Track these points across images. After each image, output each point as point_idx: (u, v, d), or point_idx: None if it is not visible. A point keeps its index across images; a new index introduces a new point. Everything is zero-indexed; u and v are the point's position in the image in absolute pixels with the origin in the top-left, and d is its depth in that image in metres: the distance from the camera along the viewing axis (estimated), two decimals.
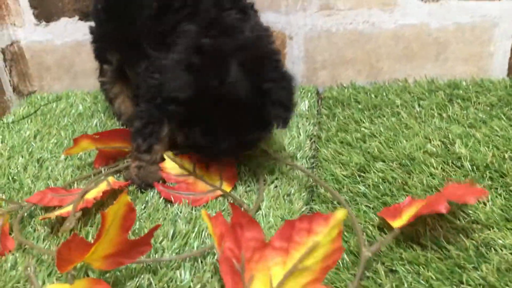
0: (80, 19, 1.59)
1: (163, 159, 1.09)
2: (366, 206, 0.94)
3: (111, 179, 1.04)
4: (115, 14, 1.21)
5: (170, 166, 1.07)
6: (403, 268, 0.76)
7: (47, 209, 0.98)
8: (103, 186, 0.99)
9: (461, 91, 1.37)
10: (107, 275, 0.79)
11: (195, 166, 1.08)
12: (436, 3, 1.42)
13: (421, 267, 0.76)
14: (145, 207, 0.99)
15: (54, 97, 1.63)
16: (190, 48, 0.98)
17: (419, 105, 1.33)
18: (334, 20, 1.47)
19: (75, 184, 1.09)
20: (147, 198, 1.02)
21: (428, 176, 1.00)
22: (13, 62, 1.64)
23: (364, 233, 0.86)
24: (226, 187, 1.03)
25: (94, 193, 0.97)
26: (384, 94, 1.42)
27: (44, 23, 1.61)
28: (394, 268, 0.77)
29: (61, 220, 0.93)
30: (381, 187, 0.99)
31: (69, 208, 0.92)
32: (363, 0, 1.43)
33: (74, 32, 1.60)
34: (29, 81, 1.71)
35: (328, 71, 1.54)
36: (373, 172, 1.04)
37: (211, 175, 1.06)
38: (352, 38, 1.49)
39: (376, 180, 1.01)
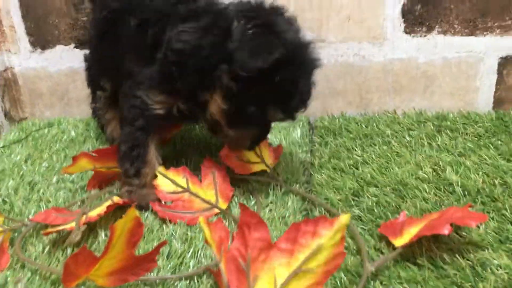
0: (76, 47, 1.60)
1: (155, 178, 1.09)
2: (362, 228, 0.95)
3: (116, 198, 1.04)
4: (105, 39, 1.23)
5: (163, 183, 1.07)
6: (401, 287, 0.77)
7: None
8: (106, 204, 0.99)
9: (449, 122, 1.41)
10: None
11: (188, 182, 1.08)
12: (423, 38, 1.47)
13: (418, 285, 0.77)
14: None
15: (46, 123, 1.63)
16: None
17: (409, 135, 1.36)
18: (326, 53, 1.50)
19: (74, 207, 1.09)
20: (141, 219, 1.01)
21: (421, 201, 1.02)
22: (5, 88, 1.64)
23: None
24: (222, 204, 1.04)
25: (98, 211, 0.97)
26: (375, 124, 1.45)
27: (39, 50, 1.62)
28: (392, 287, 0.77)
29: (65, 235, 0.94)
30: (375, 210, 1.00)
31: (73, 224, 0.92)
32: (354, 34, 1.48)
33: (69, 60, 1.62)
34: (21, 107, 1.71)
35: (320, 102, 1.56)
36: (367, 196, 1.06)
37: (206, 190, 1.07)
38: (343, 70, 1.53)
39: (370, 204, 1.03)
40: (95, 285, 0.77)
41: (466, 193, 1.03)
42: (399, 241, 0.84)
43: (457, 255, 0.82)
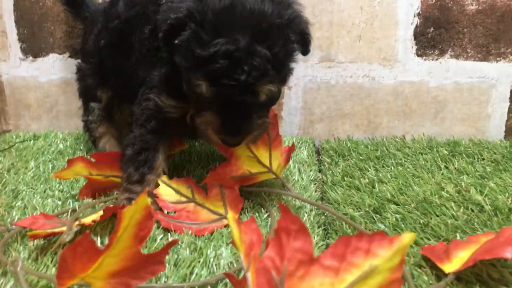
0: (71, 56, 1.52)
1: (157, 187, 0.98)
2: None
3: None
4: (116, 49, 1.17)
5: (166, 192, 0.97)
6: None
7: None
8: (101, 212, 0.87)
9: (462, 148, 1.35)
10: None
11: (193, 192, 0.98)
12: (435, 61, 1.43)
13: None
14: None
15: (31, 135, 1.52)
16: None
17: (423, 158, 1.29)
18: (334, 73, 1.45)
19: (64, 216, 0.97)
20: None
21: (450, 218, 0.94)
22: None
23: None
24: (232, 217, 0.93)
25: (92, 217, 0.86)
26: (384, 148, 1.38)
27: (31, 58, 1.53)
28: None
29: (55, 241, 0.83)
30: (402, 225, 0.92)
31: (63, 228, 0.80)
32: (364, 54, 1.43)
33: (62, 70, 1.53)
34: (4, 119, 1.59)
35: (325, 124, 1.50)
36: (389, 213, 0.98)
37: (213, 201, 0.96)
38: (352, 91, 1.47)
39: (394, 220, 0.94)
40: None
41: (497, 212, 0.96)
42: (449, 267, 0.73)
43: None
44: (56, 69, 1.53)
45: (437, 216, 0.96)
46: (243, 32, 0.80)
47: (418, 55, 1.43)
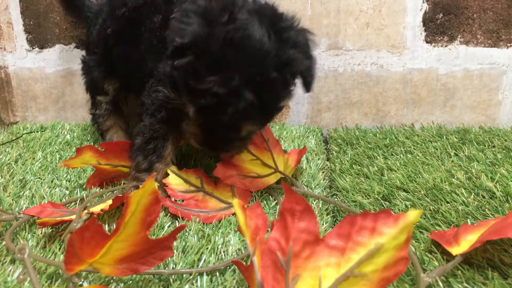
0: (77, 46, 1.51)
1: (166, 176, 0.98)
2: None
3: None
4: (123, 38, 1.16)
5: (175, 182, 0.96)
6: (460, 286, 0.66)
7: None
8: (110, 202, 0.87)
9: (472, 135, 1.33)
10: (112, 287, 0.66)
11: (203, 181, 0.97)
12: (444, 48, 1.41)
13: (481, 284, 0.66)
14: None
15: (38, 127, 1.52)
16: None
17: (432, 146, 1.27)
18: (342, 61, 1.44)
19: (72, 205, 0.97)
20: None
21: (461, 204, 0.92)
22: None
23: None
24: None
25: (101, 206, 0.85)
26: (393, 136, 1.37)
27: (37, 49, 1.52)
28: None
29: (63, 229, 0.83)
30: None
31: (72, 216, 0.80)
32: (372, 41, 1.42)
33: (68, 60, 1.52)
34: (12, 110, 1.59)
35: (333, 113, 1.48)
36: (399, 200, 0.97)
37: (222, 191, 0.96)
38: (360, 79, 1.45)
39: (404, 207, 0.93)
40: (100, 276, 0.65)
41: (508, 198, 0.94)
42: (457, 249, 0.72)
43: None
44: (62, 60, 1.53)
45: (448, 202, 0.95)
46: (238, 72, 0.79)
47: (427, 42, 1.41)
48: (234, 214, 0.91)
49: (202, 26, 0.81)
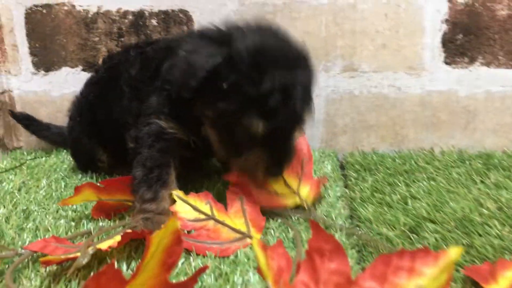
0: (84, 69, 1.47)
1: (173, 203, 0.92)
2: None
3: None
4: (106, 97, 1.16)
5: (183, 209, 0.90)
6: None
7: None
8: (118, 238, 0.81)
9: (496, 160, 1.28)
10: None
11: (212, 208, 0.91)
12: (465, 69, 1.36)
13: None
14: None
15: (43, 153, 1.47)
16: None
17: (456, 172, 1.21)
18: (358, 83, 1.39)
19: (78, 239, 0.91)
20: None
21: (495, 238, 0.86)
22: (1, 112, 1.49)
23: None
24: (255, 234, 0.86)
25: (109, 243, 0.79)
26: (413, 161, 1.31)
27: (42, 72, 1.48)
28: None
29: (69, 266, 0.76)
30: (444, 246, 0.84)
31: (77, 254, 0.74)
32: (389, 63, 1.37)
33: (74, 84, 1.47)
34: (15, 135, 1.54)
35: (349, 136, 1.43)
36: (427, 232, 0.90)
37: (234, 218, 0.90)
38: (376, 102, 1.40)
39: (434, 240, 0.87)
40: None
41: None
42: (495, 287, 0.66)
43: None
44: (68, 83, 1.48)
45: (480, 235, 0.88)
46: (282, 66, 0.84)
47: (446, 63, 1.36)
48: (250, 246, 0.85)
49: (222, 47, 0.86)
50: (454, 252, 0.52)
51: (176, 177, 0.98)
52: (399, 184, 1.15)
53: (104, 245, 0.80)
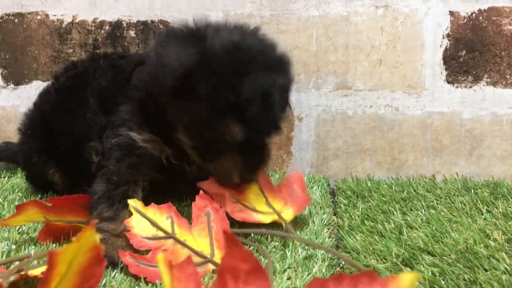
0: None
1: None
2: None
3: None
4: (67, 105, 1.07)
5: (139, 225, 0.77)
6: None
7: None
8: None
9: (505, 189, 1.15)
10: None
11: (174, 224, 0.78)
12: (469, 89, 1.25)
13: None
14: None
15: (8, 172, 1.35)
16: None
17: (459, 200, 1.08)
18: (351, 102, 1.28)
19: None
20: (105, 279, 0.69)
21: (503, 273, 0.72)
22: None
23: None
24: (219, 258, 0.73)
25: (42, 268, 0.66)
26: (411, 189, 1.18)
27: (12, 85, 1.38)
28: None
29: None
30: (442, 282, 0.71)
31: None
32: (386, 80, 1.27)
33: None
34: None
35: (341, 161, 1.31)
36: (423, 265, 0.78)
37: (198, 237, 0.78)
38: (372, 123, 1.29)
39: (430, 275, 0.73)
40: None
41: None
42: None
43: None
44: None
45: (486, 270, 0.75)
46: (262, 69, 0.80)
47: (448, 82, 1.26)
48: (213, 271, 0.71)
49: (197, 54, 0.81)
50: (407, 279, 0.41)
51: (142, 200, 0.85)
52: (394, 212, 1.03)
53: (37, 271, 0.67)
